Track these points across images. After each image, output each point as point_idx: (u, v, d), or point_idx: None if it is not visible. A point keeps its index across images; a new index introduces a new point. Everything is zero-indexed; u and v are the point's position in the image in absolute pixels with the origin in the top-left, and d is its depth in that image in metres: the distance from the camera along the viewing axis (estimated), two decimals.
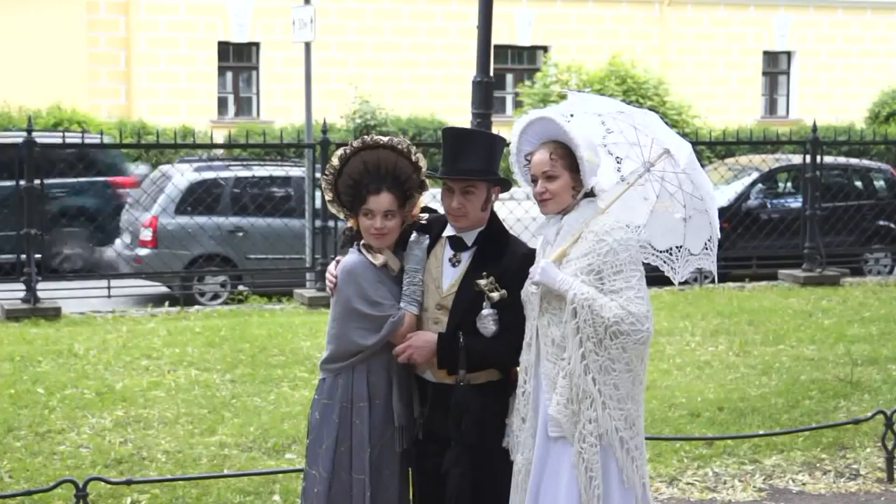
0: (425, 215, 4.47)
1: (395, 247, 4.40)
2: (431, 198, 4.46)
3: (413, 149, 4.36)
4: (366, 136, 4.37)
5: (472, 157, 4.23)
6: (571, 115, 4.24)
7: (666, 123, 4.39)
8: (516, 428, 4.19)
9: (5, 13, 23.21)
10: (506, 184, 4.38)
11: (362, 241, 4.34)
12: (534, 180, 4.20)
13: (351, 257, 4.35)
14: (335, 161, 4.32)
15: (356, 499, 4.29)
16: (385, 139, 4.34)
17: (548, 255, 4.14)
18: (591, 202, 4.20)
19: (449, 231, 4.37)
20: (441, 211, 4.45)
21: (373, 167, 4.30)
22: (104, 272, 12.24)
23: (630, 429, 4.05)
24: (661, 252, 4.41)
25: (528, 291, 4.15)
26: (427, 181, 4.39)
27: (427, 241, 4.33)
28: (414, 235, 4.34)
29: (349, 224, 4.41)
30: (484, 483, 4.27)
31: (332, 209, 4.42)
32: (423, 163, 4.37)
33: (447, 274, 4.34)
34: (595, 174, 4.19)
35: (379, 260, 4.31)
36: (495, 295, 4.19)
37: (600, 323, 3.97)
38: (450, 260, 4.35)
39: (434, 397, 4.32)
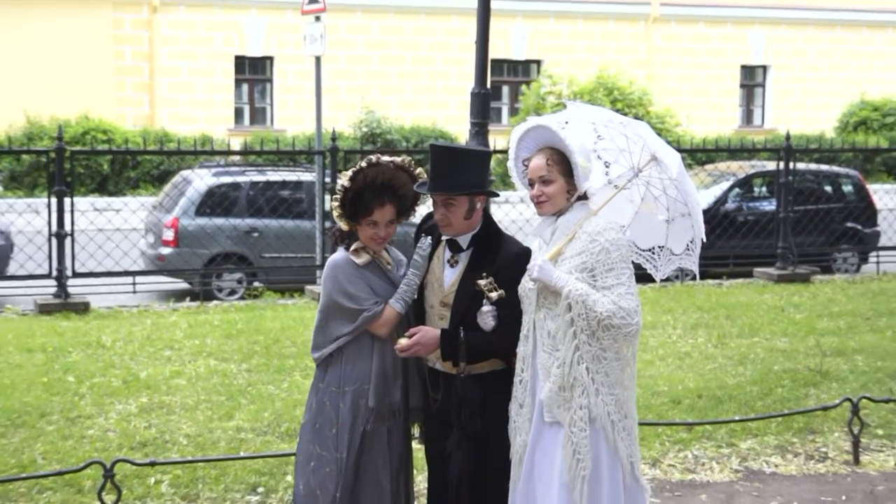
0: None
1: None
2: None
3: (412, 164, 4.38)
4: (371, 157, 4.40)
5: (451, 172, 4.24)
6: (566, 123, 4.25)
7: (656, 133, 4.42)
8: (514, 413, 4.22)
9: (38, 30, 23.25)
10: (491, 192, 4.39)
11: (354, 246, 4.37)
12: (531, 184, 4.21)
13: (337, 255, 4.41)
14: (346, 181, 4.34)
15: (339, 475, 4.30)
16: (386, 158, 4.38)
17: (544, 253, 4.16)
18: (584, 204, 4.21)
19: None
20: None
21: (371, 181, 4.33)
22: (130, 270, 12.25)
23: (619, 411, 4.07)
24: (644, 251, 4.43)
25: (526, 287, 4.17)
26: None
27: (429, 249, 4.35)
28: (421, 241, 4.37)
29: (342, 226, 4.43)
30: (484, 465, 4.28)
31: (339, 222, 4.44)
32: (422, 177, 4.39)
33: (447, 274, 4.37)
34: (587, 178, 4.21)
35: (362, 259, 4.35)
36: (494, 294, 4.21)
37: (593, 317, 3.99)
38: (448, 261, 4.37)
39: (444, 386, 4.35)
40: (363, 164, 4.34)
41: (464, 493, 4.28)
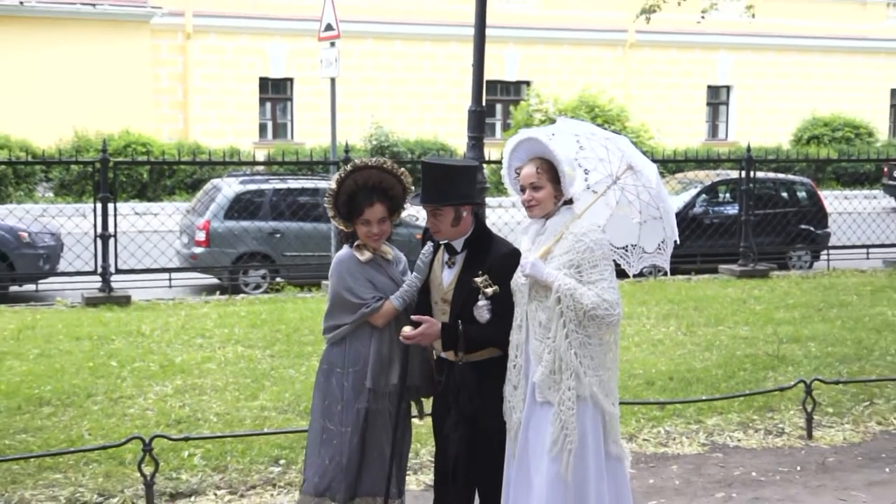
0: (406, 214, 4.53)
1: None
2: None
3: (395, 166, 4.37)
4: (356, 161, 4.39)
5: (438, 186, 4.23)
6: (553, 135, 4.25)
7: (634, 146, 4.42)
8: (509, 394, 4.21)
9: (85, 55, 23.28)
10: (476, 203, 4.38)
11: (356, 242, 4.37)
12: (522, 190, 4.21)
13: (342, 252, 4.42)
14: (333, 185, 4.34)
15: (343, 447, 4.31)
16: (372, 160, 4.38)
17: (534, 252, 4.15)
18: (569, 208, 4.21)
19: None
20: None
21: (362, 183, 4.33)
22: (166, 267, 12.26)
23: (603, 391, 4.08)
24: (618, 248, 4.42)
25: (519, 282, 4.16)
26: (410, 190, 4.42)
27: (430, 255, 4.34)
28: (425, 247, 4.37)
29: (339, 226, 4.42)
30: (480, 443, 4.27)
31: (335, 223, 4.43)
32: (406, 177, 4.38)
33: (446, 274, 4.36)
34: (573, 185, 4.21)
35: (365, 256, 4.35)
36: (489, 290, 4.20)
37: (580, 308, 3.98)
38: (446, 263, 4.37)
39: (446, 373, 4.35)
40: (349, 167, 4.34)
41: (461, 469, 4.28)
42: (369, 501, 4.34)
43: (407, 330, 4.23)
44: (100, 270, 11.23)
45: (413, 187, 4.41)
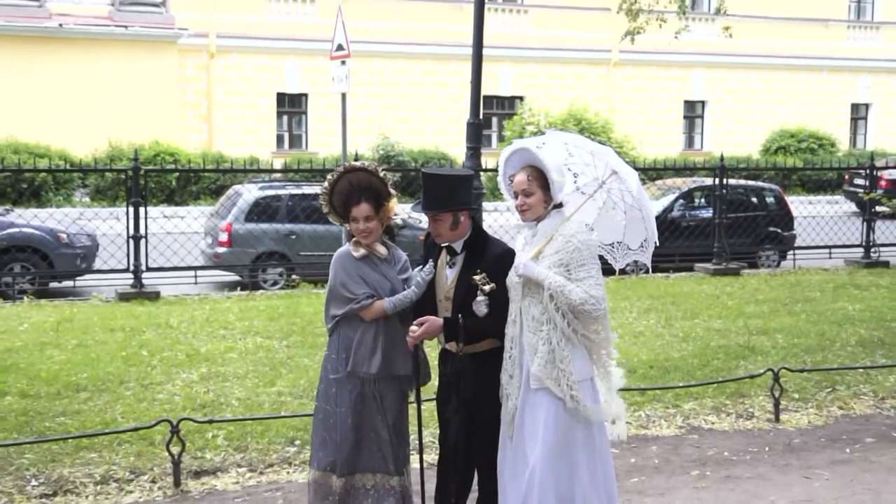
0: (400, 217, 4.53)
1: (392, 237, 4.48)
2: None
3: (381, 169, 4.38)
4: (346, 163, 4.41)
5: (436, 195, 4.24)
6: (543, 143, 4.27)
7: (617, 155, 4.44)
8: (505, 382, 4.22)
9: (119, 73, 23.26)
10: (472, 209, 4.38)
11: (353, 239, 4.39)
12: (515, 195, 4.22)
13: (341, 248, 4.44)
14: (326, 184, 4.35)
15: (339, 426, 4.33)
16: (359, 163, 4.39)
17: (527, 253, 4.16)
18: (559, 212, 4.22)
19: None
20: None
21: (355, 184, 4.34)
22: (192, 265, 12.25)
23: (600, 372, 4.14)
24: (605, 245, 4.44)
25: (513, 281, 4.17)
26: (394, 192, 4.41)
27: (432, 274, 4.33)
28: (427, 265, 4.36)
29: (335, 221, 4.45)
30: (479, 427, 4.28)
31: (331, 219, 4.44)
32: (388, 178, 4.38)
33: (448, 274, 4.36)
34: (562, 191, 4.22)
35: (359, 253, 4.35)
36: (487, 287, 4.21)
37: (569, 303, 4.00)
38: (447, 263, 4.38)
39: (449, 362, 4.35)
40: (341, 169, 4.35)
41: (461, 449, 4.30)
42: (369, 477, 4.37)
43: (413, 329, 4.24)
44: (132, 268, 11.23)
45: (393, 191, 4.42)
